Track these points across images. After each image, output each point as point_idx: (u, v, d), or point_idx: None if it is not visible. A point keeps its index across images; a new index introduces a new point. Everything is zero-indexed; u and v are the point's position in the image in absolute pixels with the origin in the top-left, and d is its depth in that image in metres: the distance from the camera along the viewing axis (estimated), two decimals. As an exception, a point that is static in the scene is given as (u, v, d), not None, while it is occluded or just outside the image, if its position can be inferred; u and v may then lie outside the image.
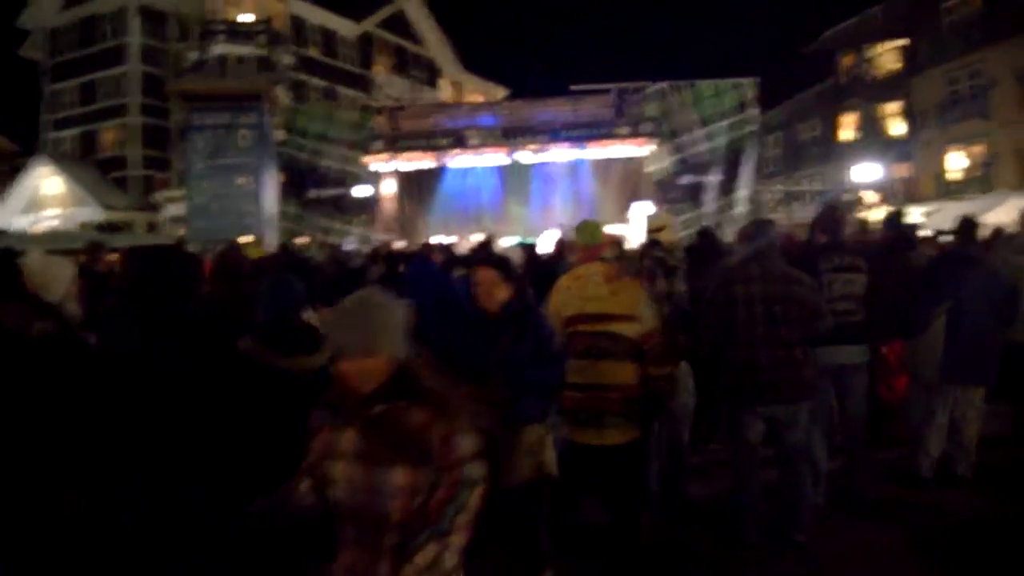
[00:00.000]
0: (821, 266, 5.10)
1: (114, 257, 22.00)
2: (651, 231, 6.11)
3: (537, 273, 9.29)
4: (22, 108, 37.77)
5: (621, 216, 22.25)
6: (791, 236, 11.33)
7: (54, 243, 23.61)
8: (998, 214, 15.85)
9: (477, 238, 18.23)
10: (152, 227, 31.57)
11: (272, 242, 20.26)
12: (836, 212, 5.63)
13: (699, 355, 4.94)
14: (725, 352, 4.57)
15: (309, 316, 3.78)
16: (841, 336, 4.93)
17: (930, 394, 5.60)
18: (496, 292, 3.69)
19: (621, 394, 4.00)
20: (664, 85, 20.60)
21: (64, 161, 32.90)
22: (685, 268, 5.79)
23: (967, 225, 6.06)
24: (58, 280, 3.92)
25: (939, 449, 5.60)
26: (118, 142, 33.89)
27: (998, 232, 8.05)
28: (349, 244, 19.94)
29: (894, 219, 6.89)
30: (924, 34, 27.84)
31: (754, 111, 20.56)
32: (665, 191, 20.43)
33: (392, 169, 22.05)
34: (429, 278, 7.34)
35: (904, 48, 29.44)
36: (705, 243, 7.76)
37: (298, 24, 35.06)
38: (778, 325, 4.45)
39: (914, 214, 21.28)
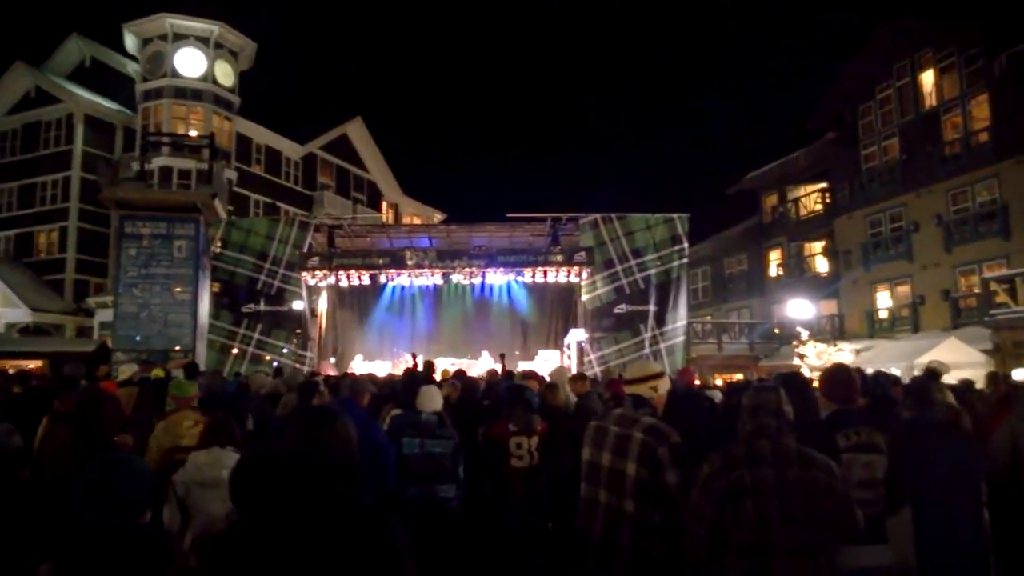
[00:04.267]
0: (839, 444, 3.76)
1: (38, 364, 20.26)
2: (633, 381, 4.13)
3: (470, 408, 7.86)
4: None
5: (555, 341, 21.25)
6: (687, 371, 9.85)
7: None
8: (935, 354, 15.09)
9: (407, 363, 16.95)
10: (82, 332, 29.80)
11: (202, 354, 18.92)
12: (849, 373, 4.14)
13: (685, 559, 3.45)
14: (724, 558, 3.18)
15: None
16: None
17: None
18: None
19: None
20: (597, 216, 19.94)
21: (-6, 261, 31.00)
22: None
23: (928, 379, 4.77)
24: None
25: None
26: (55, 245, 32.11)
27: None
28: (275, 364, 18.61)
29: (880, 382, 5.42)
30: (844, 178, 27.99)
31: (684, 245, 20.00)
32: (599, 319, 19.50)
33: (327, 285, 20.85)
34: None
35: (825, 190, 29.59)
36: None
37: (244, 142, 34.27)
38: (799, 525, 3.07)
39: (845, 351, 20.67)
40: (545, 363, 17.76)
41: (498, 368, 13.63)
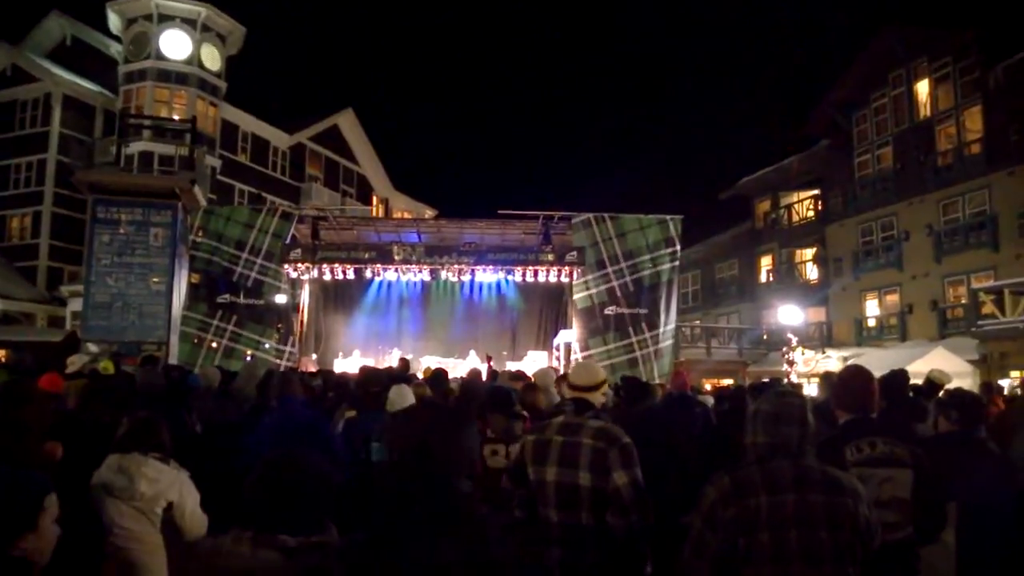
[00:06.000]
0: (848, 457, 3.38)
1: (0, 355, 19.60)
2: (584, 388, 3.88)
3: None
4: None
5: (545, 342, 21.03)
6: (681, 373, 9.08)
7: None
8: (923, 364, 15.02)
9: (394, 359, 16.66)
10: (54, 322, 29.10)
11: (175, 347, 18.47)
12: (867, 376, 3.76)
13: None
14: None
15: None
16: (878, 562, 3.02)
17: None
18: None
19: None
20: (590, 216, 19.72)
21: (-39, 247, 30.24)
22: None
23: (968, 400, 4.58)
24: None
25: None
26: (28, 231, 31.16)
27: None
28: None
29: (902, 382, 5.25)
30: (837, 185, 28.12)
31: (677, 247, 19.82)
32: (589, 319, 19.30)
33: (310, 279, 20.44)
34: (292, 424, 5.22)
35: (818, 197, 29.63)
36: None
37: (230, 129, 33.62)
38: (823, 559, 2.71)
39: (833, 359, 20.67)
40: (534, 364, 17.57)
41: (483, 368, 13.37)
